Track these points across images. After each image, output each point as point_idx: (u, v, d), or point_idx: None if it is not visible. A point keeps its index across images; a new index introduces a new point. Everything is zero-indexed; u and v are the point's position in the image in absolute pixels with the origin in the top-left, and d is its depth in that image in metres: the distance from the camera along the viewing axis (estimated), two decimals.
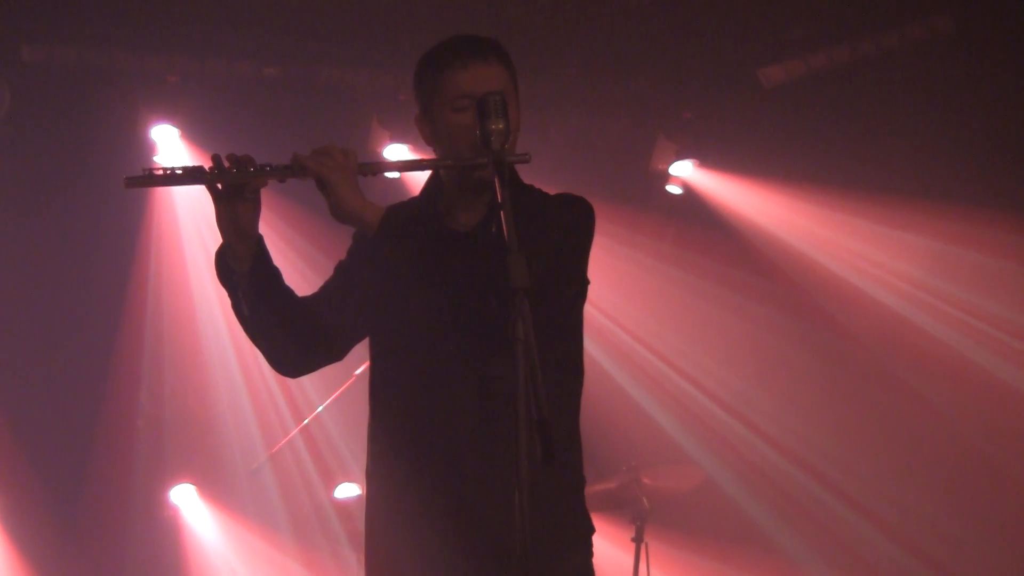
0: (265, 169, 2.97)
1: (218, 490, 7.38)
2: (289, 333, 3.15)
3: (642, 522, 6.18)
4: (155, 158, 6.75)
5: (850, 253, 7.69)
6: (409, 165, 3.36)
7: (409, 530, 3.08)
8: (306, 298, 3.21)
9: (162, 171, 2.94)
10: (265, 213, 3.08)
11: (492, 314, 2.84)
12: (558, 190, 3.28)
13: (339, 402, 6.39)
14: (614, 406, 7.76)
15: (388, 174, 6.57)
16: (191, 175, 2.95)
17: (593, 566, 3.16)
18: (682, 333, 8.10)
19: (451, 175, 3.20)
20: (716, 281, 7.94)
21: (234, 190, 2.99)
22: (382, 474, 3.18)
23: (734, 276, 7.91)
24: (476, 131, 2.90)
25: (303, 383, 7.10)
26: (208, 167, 2.97)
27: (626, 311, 8.03)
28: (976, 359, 7.31)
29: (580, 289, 3.20)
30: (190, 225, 7.18)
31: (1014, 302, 7.23)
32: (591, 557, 3.17)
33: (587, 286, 3.22)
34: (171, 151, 6.81)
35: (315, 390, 6.91)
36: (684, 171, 7.94)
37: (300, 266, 6.19)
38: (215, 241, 3.09)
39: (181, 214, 7.18)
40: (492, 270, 2.73)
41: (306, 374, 3.32)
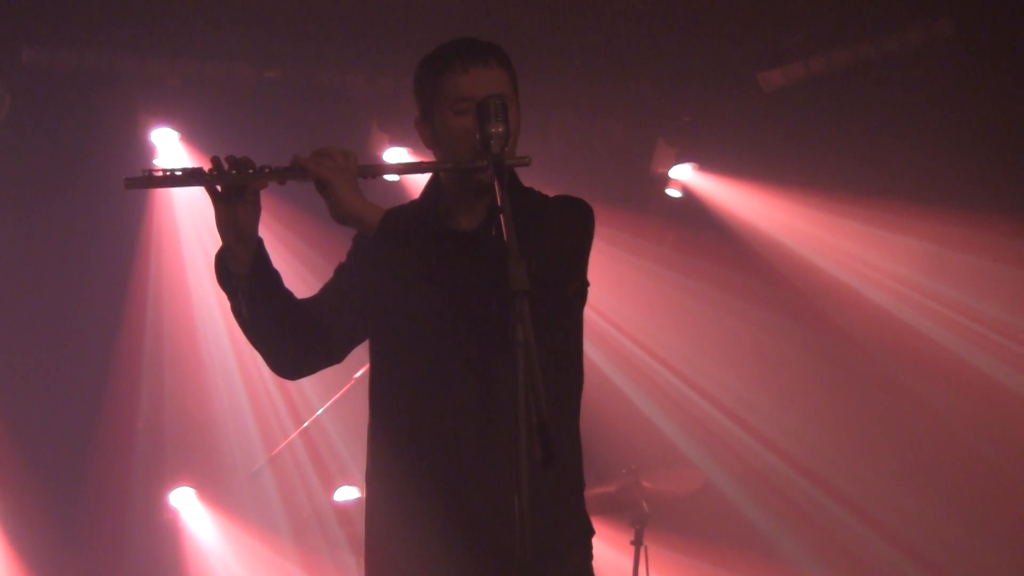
0: (264, 171, 2.97)
1: (217, 493, 7.38)
2: (289, 335, 3.15)
3: (642, 525, 6.18)
4: (155, 161, 6.76)
5: (850, 256, 7.69)
6: (409, 168, 3.35)
7: (409, 532, 3.08)
8: (306, 300, 3.21)
9: (162, 172, 2.95)
10: (264, 216, 3.08)
11: (493, 314, 2.83)
12: (558, 193, 3.27)
13: (339, 405, 6.39)
14: (613, 409, 7.75)
15: (388, 177, 6.57)
16: (190, 176, 2.95)
17: (593, 568, 3.16)
18: (681, 336, 8.10)
19: (451, 178, 3.19)
20: (715, 284, 7.94)
21: (234, 192, 2.99)
22: (382, 475, 3.17)
23: (733, 279, 7.91)
24: (476, 134, 2.90)
25: (302, 386, 7.09)
26: (208, 169, 2.98)
27: (626, 314, 8.03)
28: (976, 363, 7.30)
29: (580, 289, 3.20)
30: (189, 228, 7.19)
31: (1014, 305, 7.22)
32: (591, 559, 3.17)
33: (587, 287, 3.22)
34: (171, 154, 6.82)
35: (315, 393, 6.91)
36: (684, 174, 7.95)
37: (299, 269, 6.18)
38: (214, 244, 3.09)
39: (181, 217, 7.18)
40: (493, 270, 2.73)
41: (305, 376, 3.32)
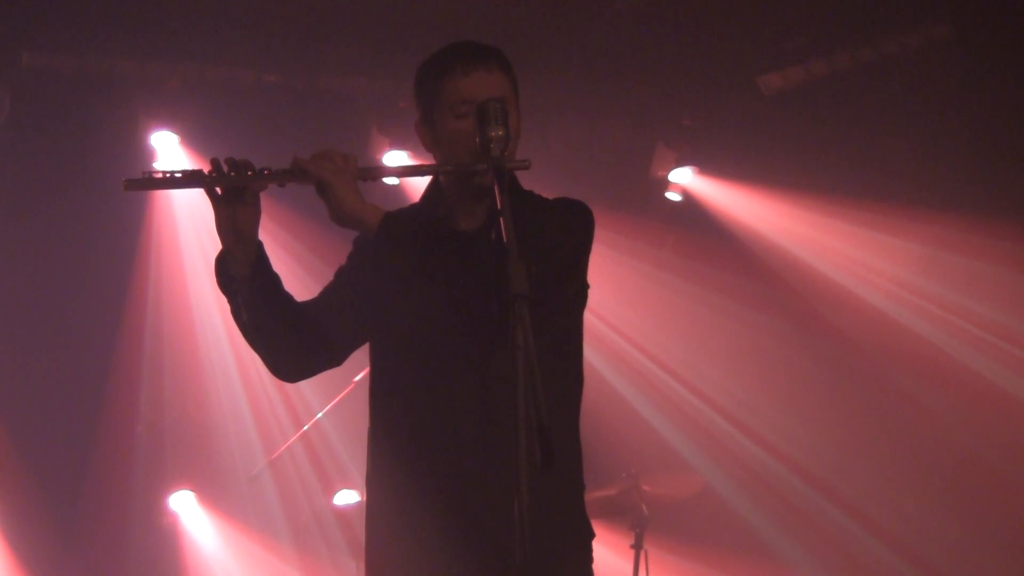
0: (264, 173, 2.97)
1: (217, 496, 7.38)
2: (289, 338, 3.14)
3: (642, 529, 6.17)
4: (154, 164, 6.76)
5: (848, 259, 7.69)
6: (409, 170, 3.35)
7: (410, 534, 3.07)
8: (306, 303, 3.20)
9: (161, 175, 2.94)
10: (264, 219, 3.07)
11: (493, 314, 2.82)
12: (557, 196, 3.27)
13: (338, 408, 6.38)
14: (613, 412, 7.75)
15: (387, 180, 6.55)
16: (190, 178, 2.95)
17: (593, 571, 3.16)
18: (681, 339, 8.10)
19: (451, 181, 3.19)
20: (715, 288, 7.94)
21: (233, 194, 2.98)
22: (382, 478, 3.16)
23: (733, 283, 7.91)
24: (476, 138, 2.90)
25: (302, 389, 7.09)
26: (207, 171, 2.97)
27: (625, 317, 8.03)
28: (974, 366, 7.30)
29: (580, 290, 3.20)
30: (189, 232, 7.19)
31: (1013, 309, 7.22)
32: (591, 563, 3.16)
33: (587, 289, 3.22)
34: (171, 157, 6.82)
35: (315, 396, 6.91)
36: (683, 178, 7.96)
37: (299, 272, 6.18)
38: (214, 247, 3.09)
39: (180, 220, 7.19)
40: (493, 270, 2.73)
41: (305, 378, 3.31)
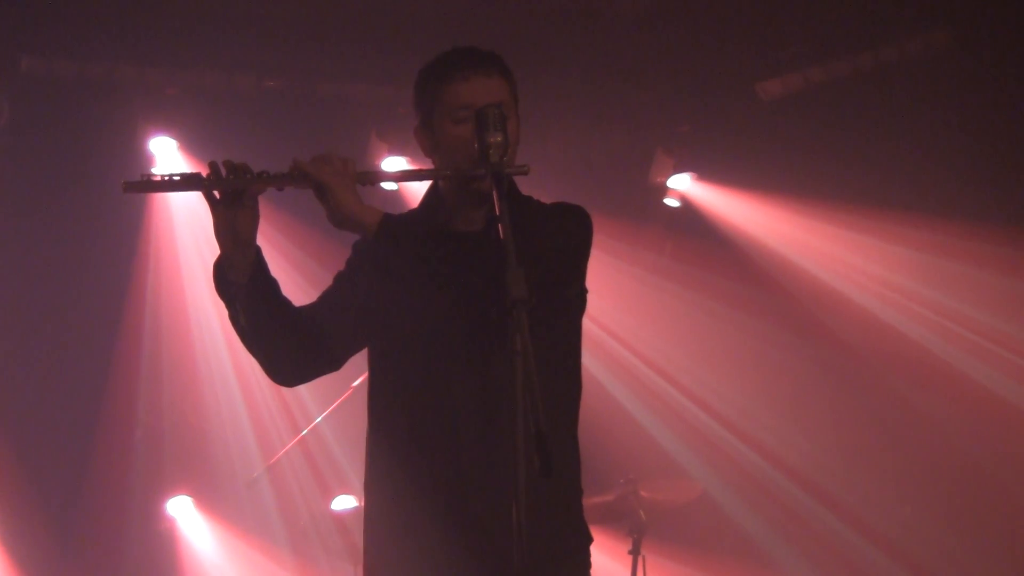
0: (263, 176, 2.97)
1: (215, 502, 7.37)
2: (287, 343, 3.14)
3: (639, 535, 6.16)
4: (153, 169, 6.76)
5: (847, 266, 7.69)
6: (407, 175, 3.37)
7: (409, 539, 3.07)
8: (304, 308, 3.19)
9: (160, 178, 2.95)
10: (262, 224, 3.07)
11: (493, 316, 2.83)
12: (555, 202, 3.27)
13: (337, 413, 6.38)
14: (612, 418, 7.75)
15: (386, 185, 6.59)
16: (188, 181, 2.95)
17: None
18: (679, 346, 8.10)
19: (450, 186, 3.19)
20: (713, 294, 7.94)
21: (232, 198, 2.98)
22: (381, 480, 3.16)
23: (731, 289, 7.91)
24: (475, 143, 2.91)
25: (300, 394, 7.09)
26: (205, 175, 2.97)
27: (624, 324, 8.03)
28: (973, 373, 7.29)
29: (579, 294, 3.20)
30: (188, 237, 7.19)
31: (1012, 316, 7.22)
32: (589, 567, 3.16)
33: (586, 294, 3.22)
34: (169, 163, 6.83)
35: (313, 401, 6.90)
36: (682, 184, 7.95)
37: (297, 277, 6.18)
38: (212, 253, 3.09)
39: (179, 226, 7.19)
40: (493, 269, 2.73)
41: (303, 383, 3.31)
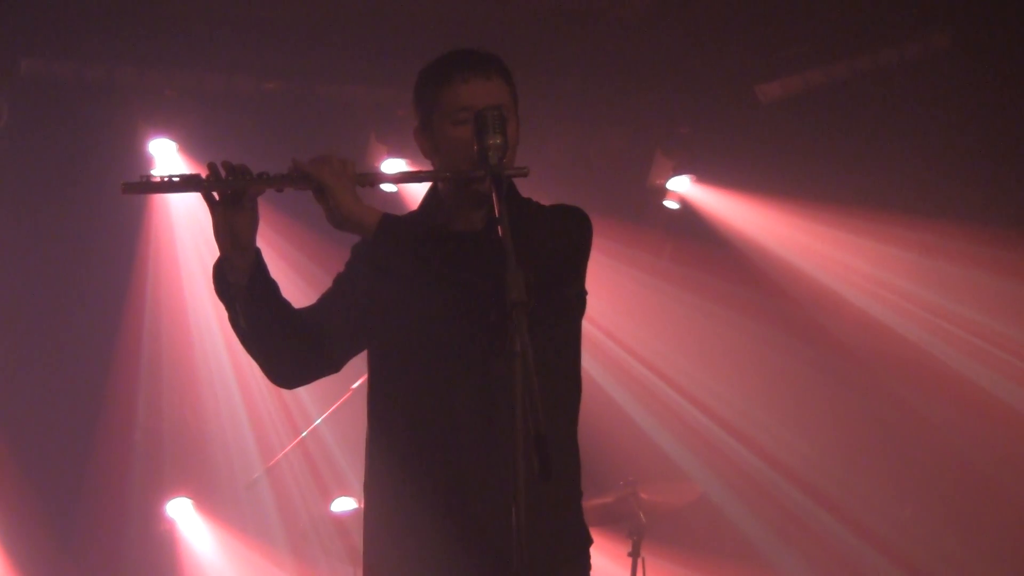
0: (262, 177, 2.97)
1: (214, 504, 7.37)
2: (286, 345, 3.14)
3: (639, 537, 6.16)
4: (152, 171, 6.74)
5: (846, 268, 7.69)
6: (406, 177, 3.36)
7: (409, 540, 3.06)
8: (304, 309, 3.19)
9: (159, 179, 2.95)
10: (261, 227, 3.07)
11: (492, 320, 2.82)
12: (554, 203, 3.27)
13: (336, 415, 6.38)
14: (611, 420, 7.75)
15: (385, 187, 6.59)
16: (188, 183, 2.95)
17: None
18: (678, 347, 8.10)
19: (449, 188, 3.19)
20: (713, 296, 7.94)
21: (231, 199, 2.98)
22: (381, 480, 3.15)
23: (731, 291, 7.91)
24: (474, 145, 2.91)
25: (300, 396, 7.09)
26: (204, 176, 2.98)
27: (623, 326, 8.03)
28: (974, 376, 7.29)
29: (579, 294, 3.20)
30: (187, 239, 7.19)
31: (1012, 318, 7.22)
32: (588, 570, 3.15)
33: (585, 296, 3.22)
34: (169, 165, 6.82)
35: (312, 403, 6.90)
36: (681, 186, 7.96)
37: (297, 279, 6.18)
38: (212, 254, 3.09)
39: (178, 228, 7.19)
40: (493, 269, 2.72)
41: (303, 385, 3.31)
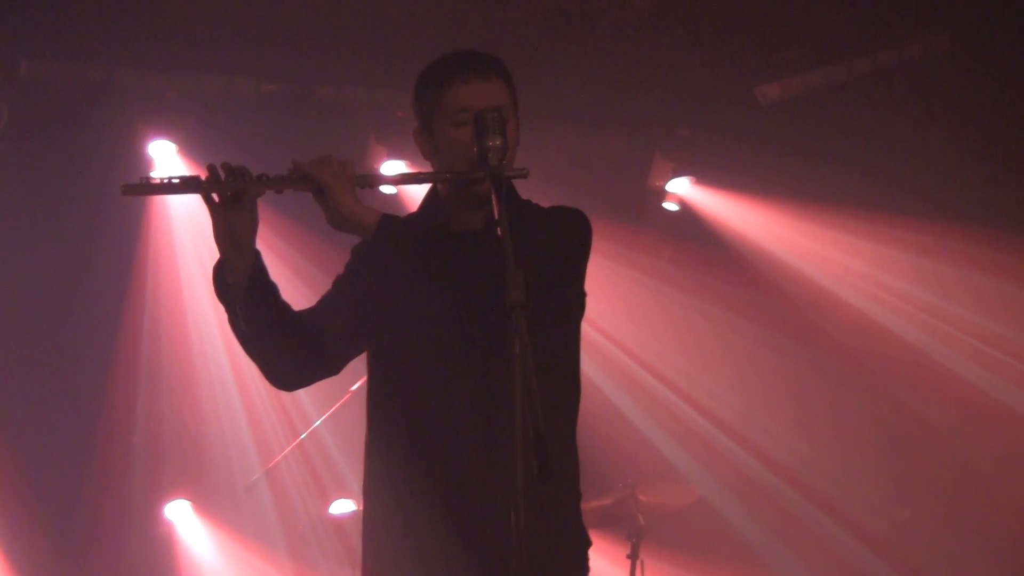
0: (262, 178, 2.97)
1: (213, 506, 7.37)
2: (286, 347, 3.14)
3: (638, 539, 6.16)
4: (152, 173, 6.75)
5: (846, 270, 7.69)
6: (406, 178, 3.36)
7: (407, 540, 3.06)
8: (303, 311, 3.19)
9: (159, 180, 2.95)
10: (261, 229, 3.07)
11: (492, 320, 2.83)
12: (554, 205, 3.27)
13: (335, 418, 6.38)
14: (610, 422, 7.75)
15: (385, 189, 6.58)
16: (188, 184, 2.95)
17: None
18: (678, 350, 8.10)
19: (449, 190, 3.19)
20: (712, 298, 7.94)
21: (231, 201, 2.99)
22: (380, 481, 3.15)
23: (730, 293, 7.91)
24: (474, 146, 2.91)
25: (299, 398, 7.09)
26: (204, 177, 2.97)
27: (622, 327, 8.03)
28: (973, 378, 7.29)
29: (578, 295, 3.20)
30: (187, 241, 7.20)
31: (1011, 320, 7.22)
32: (587, 572, 3.15)
33: (585, 298, 3.22)
34: (169, 166, 6.83)
35: (311, 405, 6.90)
36: (681, 188, 7.96)
37: (296, 282, 6.18)
38: (212, 256, 3.09)
39: (178, 230, 7.19)
40: (493, 269, 2.72)
41: (302, 387, 3.30)
